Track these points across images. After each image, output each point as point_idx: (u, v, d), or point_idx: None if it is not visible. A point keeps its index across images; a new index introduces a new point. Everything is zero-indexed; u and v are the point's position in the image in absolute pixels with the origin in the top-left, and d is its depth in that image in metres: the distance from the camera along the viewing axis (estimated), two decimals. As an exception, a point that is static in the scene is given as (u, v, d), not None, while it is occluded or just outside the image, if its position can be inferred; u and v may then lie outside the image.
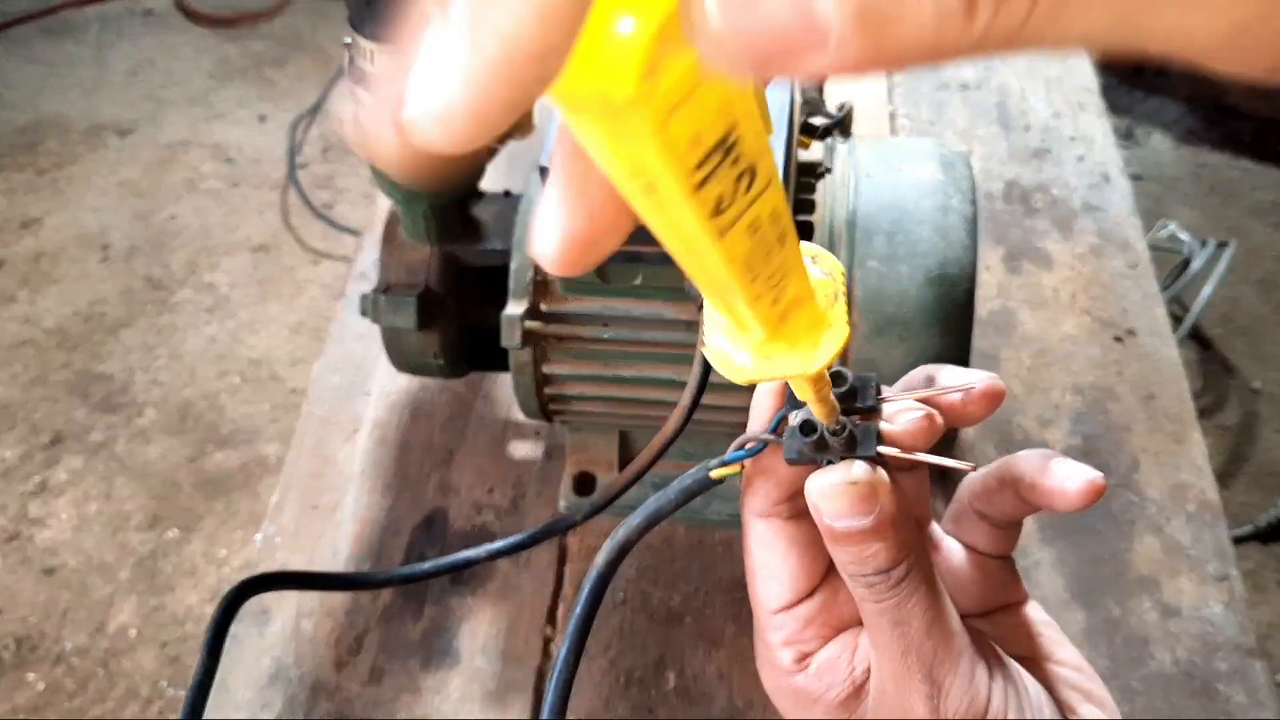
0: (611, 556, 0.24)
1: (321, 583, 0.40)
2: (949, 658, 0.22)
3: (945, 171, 0.40)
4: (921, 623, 0.22)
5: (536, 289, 0.41)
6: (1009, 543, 0.27)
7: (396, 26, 0.10)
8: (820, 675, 0.24)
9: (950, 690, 0.22)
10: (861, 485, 0.22)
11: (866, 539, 0.22)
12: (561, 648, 0.24)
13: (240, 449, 1.20)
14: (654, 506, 0.24)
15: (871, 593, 0.22)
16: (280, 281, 1.42)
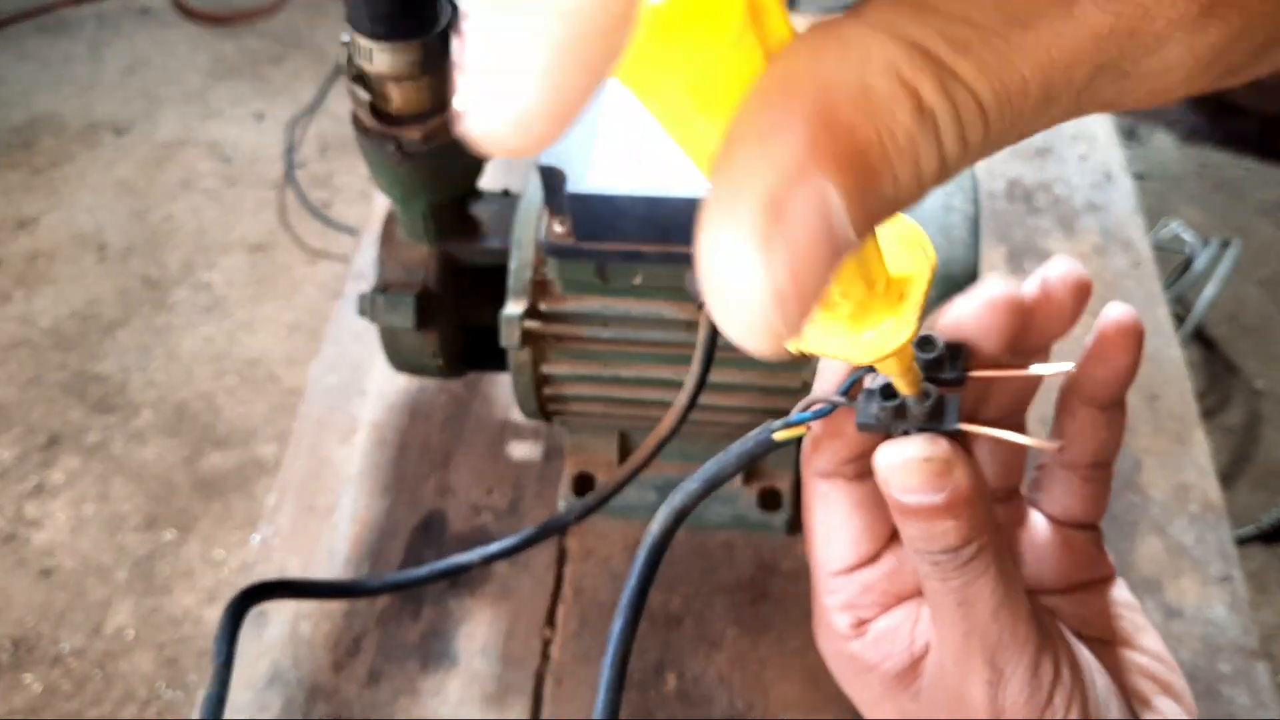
0: (667, 525, 0.23)
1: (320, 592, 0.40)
2: (1014, 645, 0.21)
3: (947, 170, 0.40)
4: (988, 605, 0.21)
5: (535, 289, 0.40)
6: (1094, 507, 0.25)
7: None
8: (877, 644, 0.23)
9: (1012, 679, 0.21)
10: (936, 461, 0.21)
11: (936, 516, 0.21)
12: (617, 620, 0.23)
13: (237, 450, 1.20)
14: (713, 470, 0.23)
15: (937, 570, 0.21)
16: (277, 281, 1.41)
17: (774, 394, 0.41)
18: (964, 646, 0.21)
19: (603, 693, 0.23)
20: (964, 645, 0.21)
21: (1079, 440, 0.24)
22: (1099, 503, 0.25)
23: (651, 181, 0.33)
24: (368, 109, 0.39)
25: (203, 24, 1.86)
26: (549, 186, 0.34)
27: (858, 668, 0.24)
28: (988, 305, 0.21)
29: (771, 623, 0.46)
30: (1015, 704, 0.21)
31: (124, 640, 1.02)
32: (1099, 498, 0.25)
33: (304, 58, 1.78)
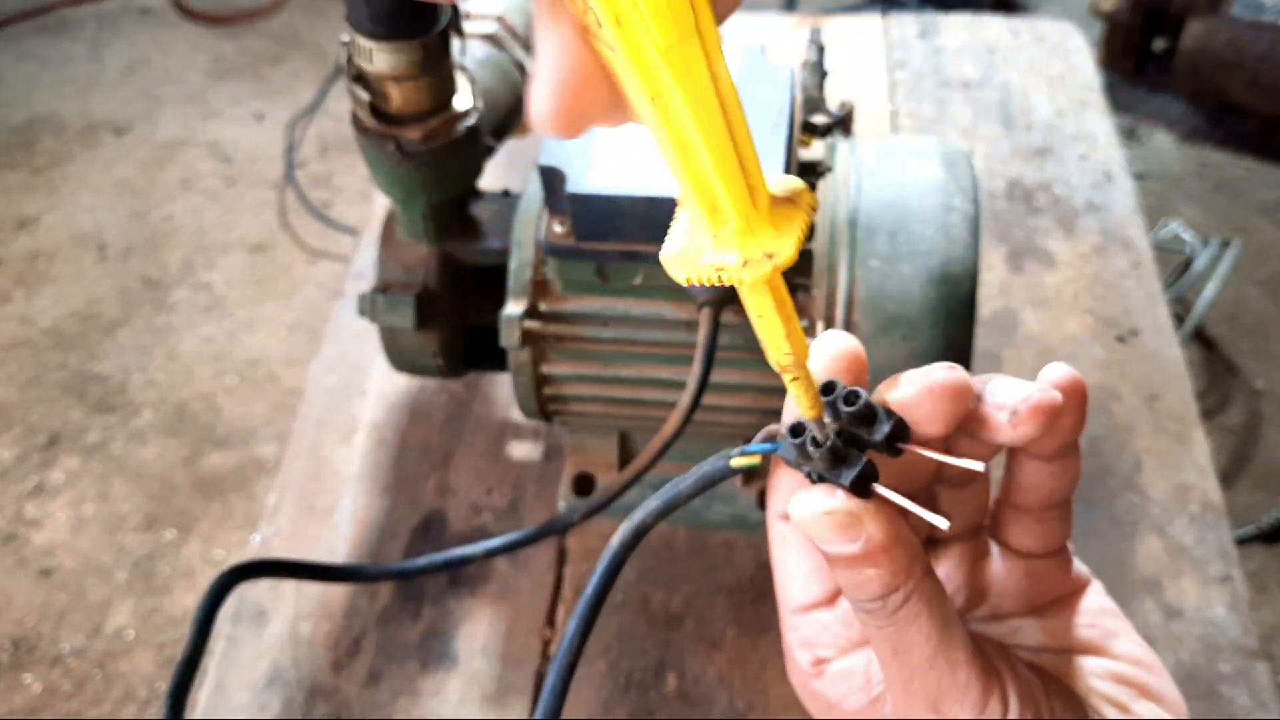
0: (627, 540, 0.24)
1: (315, 573, 0.39)
2: (954, 690, 0.21)
3: (947, 170, 0.40)
4: (923, 652, 0.21)
5: (535, 289, 0.40)
6: (1054, 540, 0.25)
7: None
8: (835, 684, 0.24)
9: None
10: (839, 514, 0.21)
11: (856, 564, 0.21)
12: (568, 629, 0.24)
13: (237, 450, 1.20)
14: (671, 493, 0.24)
15: (871, 618, 0.22)
16: (277, 281, 1.41)
17: (773, 394, 0.41)
18: (905, 694, 0.22)
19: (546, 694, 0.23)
20: (905, 692, 0.22)
21: (1027, 489, 0.24)
22: (1058, 535, 0.25)
23: (650, 181, 0.33)
24: (367, 109, 0.39)
25: (203, 24, 1.86)
26: (549, 186, 0.34)
27: (821, 704, 0.24)
28: (927, 392, 0.21)
29: (771, 623, 0.46)
30: None
31: (124, 640, 1.02)
32: (1056, 532, 0.25)
33: (304, 58, 1.78)
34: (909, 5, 1.76)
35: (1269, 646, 0.98)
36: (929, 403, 0.21)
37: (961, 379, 0.21)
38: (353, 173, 1.56)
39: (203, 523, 1.11)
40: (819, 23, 0.76)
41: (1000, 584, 0.25)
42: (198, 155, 1.60)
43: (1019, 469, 0.24)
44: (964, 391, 0.21)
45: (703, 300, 0.36)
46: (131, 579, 1.07)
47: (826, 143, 0.42)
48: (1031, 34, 0.76)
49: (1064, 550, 0.25)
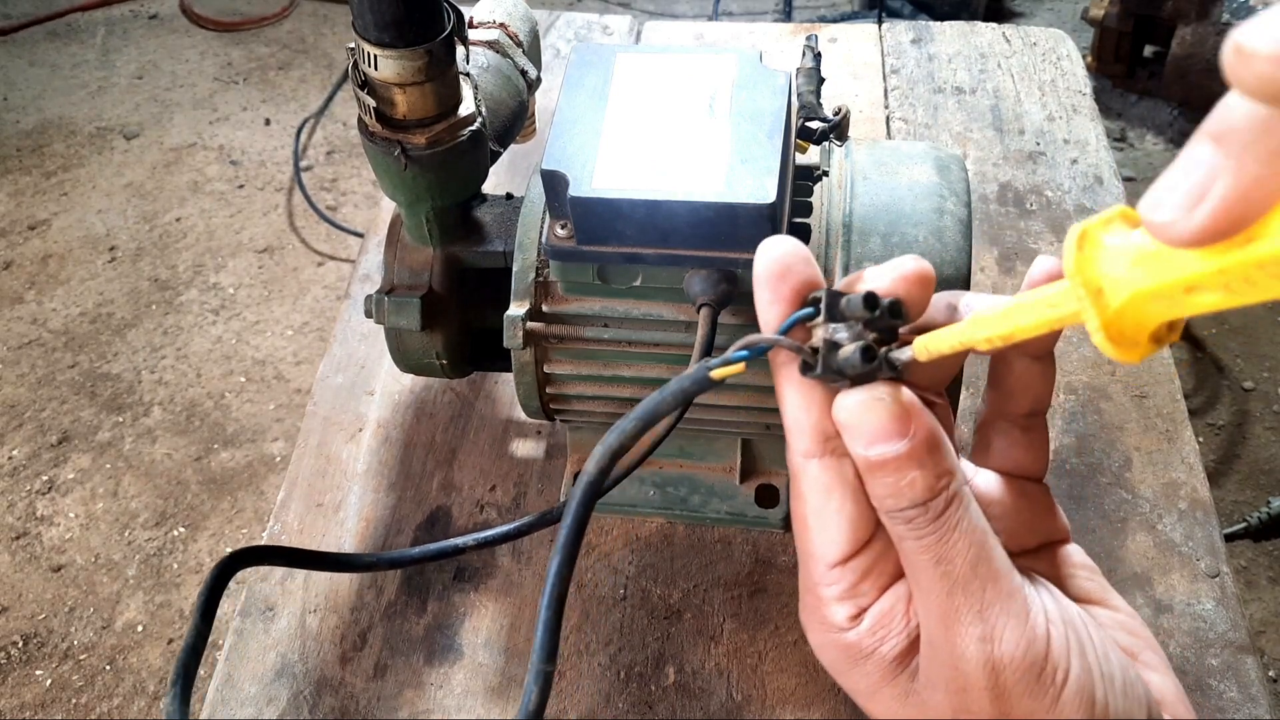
0: (602, 463, 0.23)
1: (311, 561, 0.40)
2: (999, 596, 0.21)
3: (940, 174, 0.41)
4: (966, 559, 0.20)
5: (538, 290, 0.41)
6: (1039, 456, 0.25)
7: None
8: (874, 630, 0.23)
9: (1004, 632, 0.20)
10: (891, 404, 0.20)
11: (902, 466, 0.20)
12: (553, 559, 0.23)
13: (245, 448, 1.21)
14: (649, 407, 0.23)
15: (911, 529, 0.21)
16: (285, 282, 1.43)
17: (771, 393, 0.42)
18: (949, 606, 0.21)
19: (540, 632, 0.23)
20: (949, 605, 0.21)
21: (1016, 392, 0.25)
22: (1042, 451, 0.26)
23: (652, 185, 0.34)
24: (373, 114, 0.40)
25: (211, 30, 1.87)
26: (551, 190, 0.35)
27: (854, 657, 0.23)
28: (901, 279, 0.22)
29: (769, 616, 0.47)
30: (1013, 658, 0.20)
31: (134, 635, 1.04)
32: (1040, 446, 0.26)
33: (311, 64, 1.80)
34: (903, 13, 1.76)
35: (1258, 641, 0.99)
36: (902, 288, 0.22)
37: (926, 265, 0.23)
38: (359, 177, 1.58)
39: (212, 519, 1.13)
40: (815, 30, 0.77)
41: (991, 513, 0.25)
42: (207, 159, 1.62)
43: (1008, 374, 0.25)
44: (930, 278, 0.23)
45: (701, 301, 0.37)
46: (141, 575, 1.09)
47: (822, 147, 0.43)
48: (1023, 40, 0.77)
49: (1047, 487, 0.26)
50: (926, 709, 0.22)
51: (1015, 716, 0.21)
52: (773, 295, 0.23)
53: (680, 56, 0.37)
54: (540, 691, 0.23)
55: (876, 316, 0.22)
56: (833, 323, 0.22)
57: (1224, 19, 1.41)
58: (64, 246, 1.48)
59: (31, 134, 1.65)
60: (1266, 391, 1.21)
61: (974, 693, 0.21)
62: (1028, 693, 0.21)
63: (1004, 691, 0.21)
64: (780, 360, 0.23)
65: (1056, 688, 0.21)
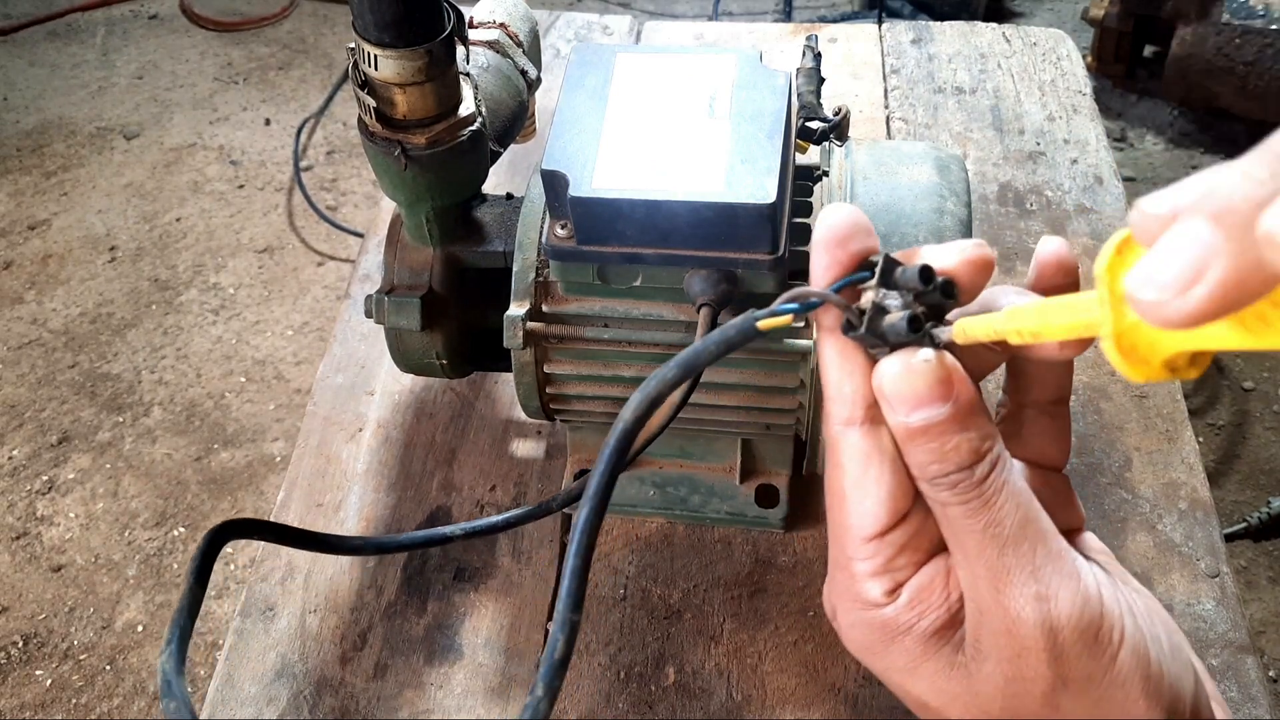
0: (639, 410, 0.22)
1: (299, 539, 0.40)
2: (1051, 557, 0.20)
3: (940, 174, 0.41)
4: (1015, 520, 0.20)
5: (538, 290, 0.41)
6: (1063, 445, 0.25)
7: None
8: (913, 604, 0.22)
9: (1060, 590, 0.20)
10: (935, 368, 0.20)
11: (946, 431, 0.20)
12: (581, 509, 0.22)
13: (245, 448, 1.21)
14: (690, 356, 0.22)
15: (956, 494, 0.20)
16: (285, 282, 1.43)
17: (771, 393, 0.42)
18: (1000, 568, 0.20)
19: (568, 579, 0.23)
20: (1000, 567, 0.20)
21: (1040, 379, 0.25)
22: (1066, 440, 0.26)
23: (652, 185, 0.34)
24: (373, 114, 0.40)
25: (211, 30, 1.88)
26: (551, 190, 0.35)
27: (892, 633, 0.22)
28: (966, 262, 0.22)
29: (769, 616, 0.47)
30: (1070, 616, 0.20)
31: (134, 635, 1.04)
32: (1065, 434, 0.26)
33: (311, 64, 1.80)
34: (903, 13, 1.77)
35: (1258, 641, 0.99)
36: (963, 269, 0.22)
37: (990, 252, 0.22)
38: (359, 177, 1.58)
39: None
40: (815, 30, 0.77)
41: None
42: (207, 159, 1.62)
43: (1029, 363, 0.25)
44: (990, 265, 0.22)
45: (701, 301, 0.37)
46: (141, 575, 1.09)
47: (822, 148, 0.43)
48: (1023, 40, 0.77)
49: (1065, 476, 0.26)
50: (975, 680, 0.22)
51: (1073, 678, 0.20)
52: (830, 260, 0.22)
53: (680, 57, 0.37)
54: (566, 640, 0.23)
55: (929, 290, 0.22)
56: (885, 289, 0.22)
57: (1224, 19, 1.41)
58: (64, 246, 1.48)
59: (31, 134, 1.65)
60: (1266, 391, 1.21)
61: (1030, 656, 0.21)
62: (1086, 652, 0.20)
63: (1062, 652, 0.20)
64: (826, 323, 0.23)
65: (1114, 647, 0.20)
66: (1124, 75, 1.64)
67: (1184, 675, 0.22)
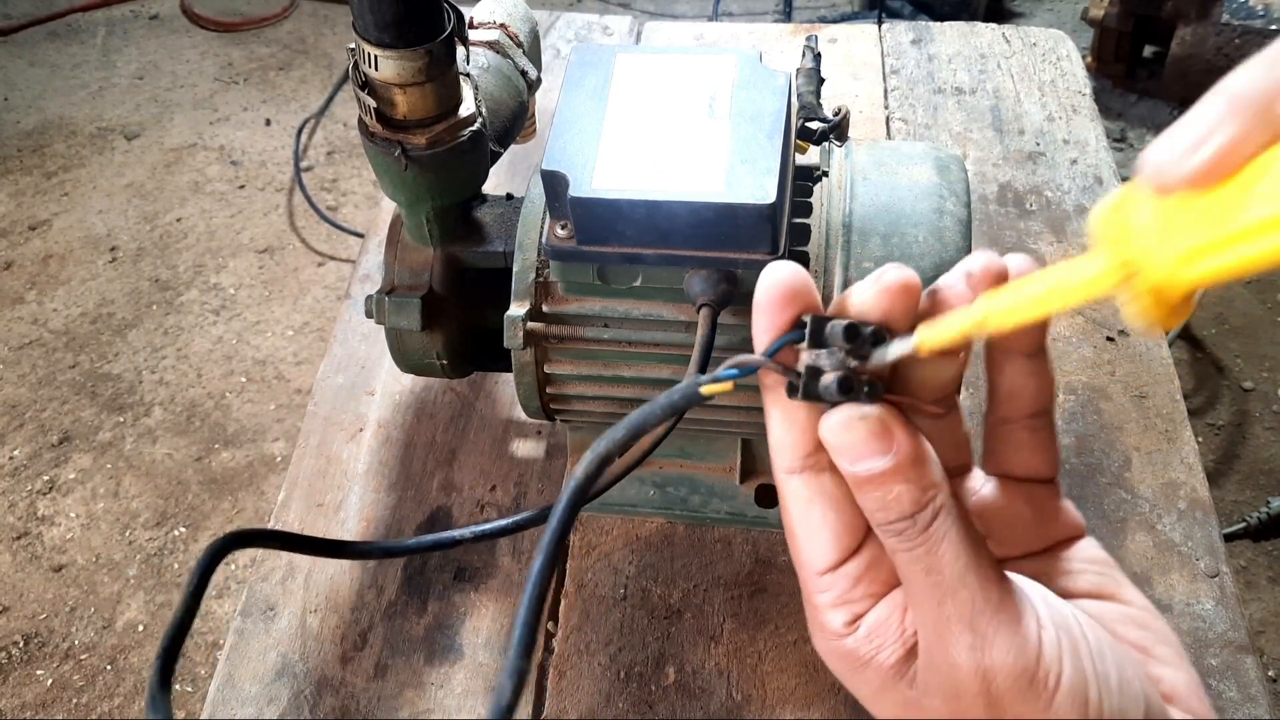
0: (590, 470, 0.23)
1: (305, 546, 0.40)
2: (989, 605, 0.21)
3: (940, 174, 0.41)
4: (954, 569, 0.21)
5: (538, 290, 0.41)
6: (1047, 457, 0.25)
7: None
8: (870, 637, 0.23)
9: (995, 639, 0.21)
10: (873, 422, 0.21)
11: (887, 480, 0.21)
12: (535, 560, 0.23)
13: (246, 448, 1.21)
14: (639, 419, 0.23)
15: (901, 540, 0.21)
16: (285, 283, 1.43)
17: (770, 393, 0.42)
18: (940, 616, 0.21)
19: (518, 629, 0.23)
20: (940, 615, 0.21)
21: (1014, 393, 0.25)
22: (1050, 452, 0.26)
23: (652, 185, 0.34)
24: (374, 115, 0.40)
25: (212, 30, 1.88)
26: (551, 191, 0.36)
27: (855, 663, 0.24)
28: (884, 291, 0.23)
29: (769, 616, 0.47)
30: (1004, 665, 0.21)
31: (135, 635, 1.04)
32: (1048, 446, 0.26)
33: (311, 64, 1.80)
34: (903, 14, 1.77)
35: (1257, 641, 0.99)
36: (886, 300, 0.23)
37: (910, 274, 0.23)
38: (359, 177, 1.58)
39: (213, 519, 1.13)
40: (815, 30, 0.77)
41: (1004, 520, 0.26)
42: (207, 159, 1.62)
43: (1001, 378, 0.25)
44: (914, 286, 0.23)
45: (701, 301, 0.37)
46: (142, 575, 1.09)
47: (822, 148, 0.43)
48: (1023, 41, 0.77)
49: (1056, 483, 0.26)
50: (925, 714, 0.23)
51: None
52: (769, 321, 0.23)
53: (680, 57, 0.37)
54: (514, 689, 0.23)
55: (857, 346, 0.22)
56: (816, 349, 0.23)
57: (1224, 19, 1.41)
58: (65, 247, 1.48)
59: (32, 134, 1.65)
60: (1266, 391, 1.21)
61: (967, 699, 0.22)
62: (1020, 698, 0.21)
63: (997, 698, 0.21)
64: (768, 381, 0.24)
65: (1049, 691, 0.21)
66: (1124, 75, 1.64)
67: (1131, 709, 0.22)
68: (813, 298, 0.23)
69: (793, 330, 0.23)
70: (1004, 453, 0.26)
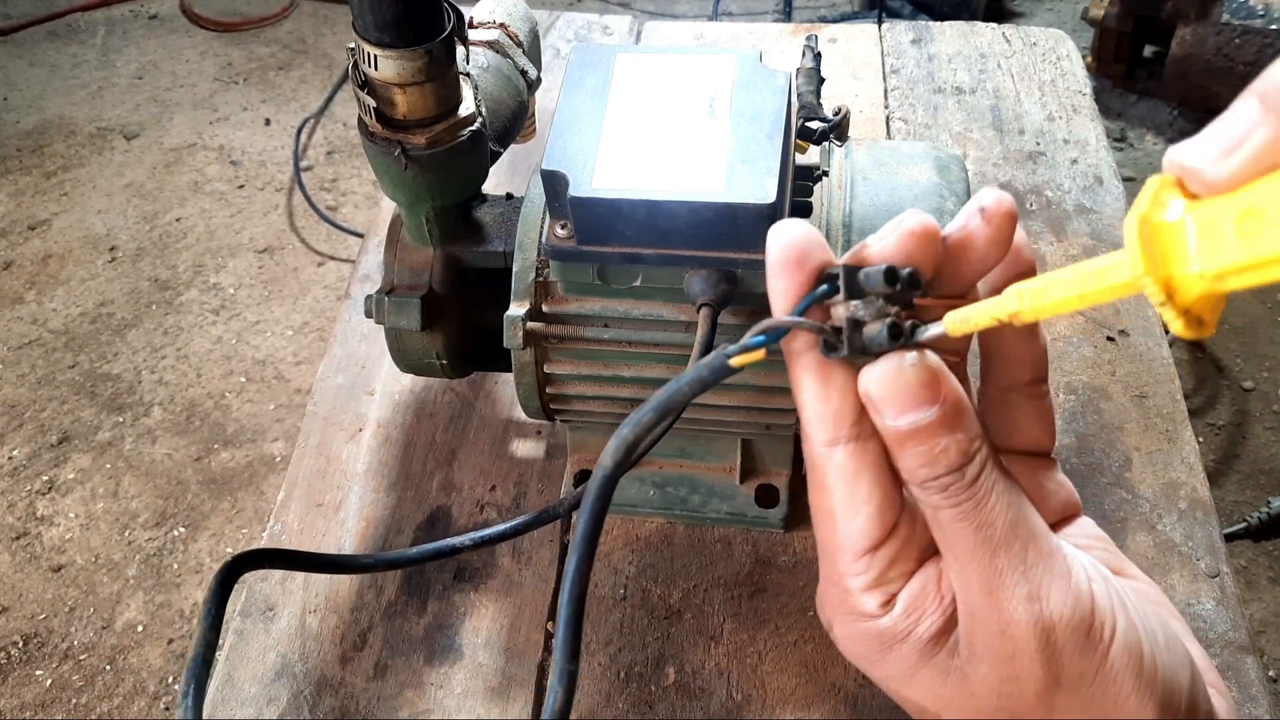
0: (619, 456, 0.22)
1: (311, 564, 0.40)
2: (1041, 556, 0.20)
3: (940, 174, 0.41)
4: (1005, 520, 0.20)
5: (538, 290, 0.41)
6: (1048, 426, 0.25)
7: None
8: (908, 612, 0.22)
9: (1051, 590, 0.20)
10: (922, 370, 0.20)
11: (935, 433, 0.20)
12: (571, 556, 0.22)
13: (246, 448, 1.21)
14: (664, 397, 0.22)
15: (947, 497, 0.20)
16: (285, 283, 1.43)
17: (770, 393, 0.42)
18: (992, 570, 0.20)
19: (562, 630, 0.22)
20: (992, 569, 0.20)
21: (1013, 360, 0.25)
22: (1050, 421, 0.25)
23: (652, 185, 0.34)
24: (373, 115, 0.40)
25: (211, 30, 1.88)
26: (551, 191, 0.35)
27: (888, 643, 0.23)
28: (907, 234, 0.22)
29: (769, 616, 0.47)
30: (1062, 615, 0.20)
31: (134, 635, 1.04)
32: (1048, 415, 0.25)
33: (311, 64, 1.80)
34: (903, 13, 1.77)
35: (1258, 641, 0.99)
36: (910, 244, 0.22)
37: (930, 219, 0.22)
38: (359, 177, 1.58)
39: (212, 519, 1.13)
40: (815, 30, 0.77)
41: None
42: (207, 159, 1.62)
43: (1000, 344, 0.25)
44: (934, 231, 0.22)
45: (701, 301, 0.37)
46: (141, 575, 1.09)
47: (822, 148, 0.43)
48: (1023, 41, 0.77)
49: (1054, 457, 0.26)
50: (970, 683, 0.22)
51: (1066, 677, 0.20)
52: (788, 283, 0.22)
53: (680, 57, 0.37)
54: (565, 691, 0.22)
55: (897, 290, 0.21)
56: (853, 300, 0.21)
57: (1224, 19, 1.41)
58: (64, 247, 1.48)
59: (32, 134, 1.65)
60: (1266, 391, 1.21)
61: (1024, 657, 0.21)
62: (1079, 650, 0.20)
63: (1055, 652, 0.20)
64: (796, 347, 0.22)
65: (1105, 644, 0.20)
66: (1124, 75, 1.64)
67: (1179, 668, 0.22)
68: (827, 254, 0.22)
69: (816, 287, 0.22)
70: (1007, 424, 0.25)
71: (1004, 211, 0.23)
